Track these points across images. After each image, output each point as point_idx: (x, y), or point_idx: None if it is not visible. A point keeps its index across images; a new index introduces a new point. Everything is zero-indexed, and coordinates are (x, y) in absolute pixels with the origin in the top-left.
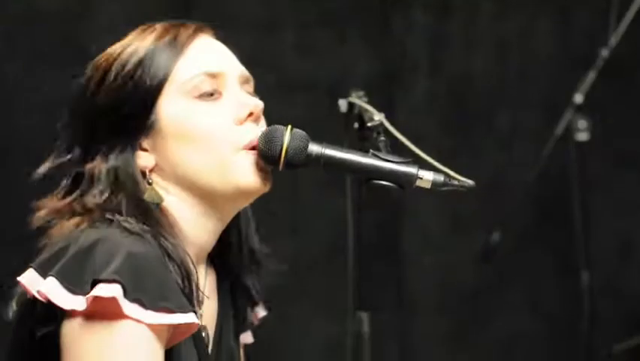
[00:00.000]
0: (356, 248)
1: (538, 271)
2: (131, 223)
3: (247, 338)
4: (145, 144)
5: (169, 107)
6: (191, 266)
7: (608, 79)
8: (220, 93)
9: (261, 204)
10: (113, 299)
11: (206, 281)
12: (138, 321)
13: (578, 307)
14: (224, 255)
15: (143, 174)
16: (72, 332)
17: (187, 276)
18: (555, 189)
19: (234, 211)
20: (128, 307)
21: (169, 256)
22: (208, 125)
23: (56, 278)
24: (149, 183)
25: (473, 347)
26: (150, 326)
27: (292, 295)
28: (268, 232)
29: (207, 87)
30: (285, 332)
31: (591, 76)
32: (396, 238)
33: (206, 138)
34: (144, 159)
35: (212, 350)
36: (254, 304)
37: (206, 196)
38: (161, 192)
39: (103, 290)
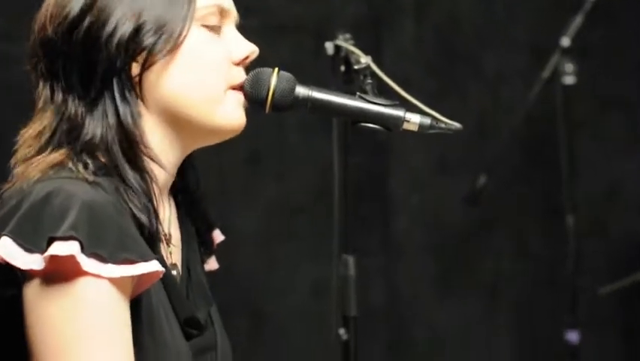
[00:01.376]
0: (342, 191)
1: (524, 214)
2: (87, 167)
3: (212, 264)
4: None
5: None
6: (156, 203)
7: (595, 22)
8: (221, 30)
9: (247, 149)
10: (71, 257)
11: (170, 216)
12: (99, 276)
13: (564, 250)
14: (180, 185)
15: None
16: (32, 293)
17: (153, 215)
18: (542, 132)
19: (200, 146)
20: (87, 264)
21: (131, 197)
22: (211, 56)
23: (10, 237)
24: None
25: (459, 288)
26: (112, 279)
27: (278, 238)
28: (255, 174)
29: (215, 21)
30: (272, 275)
31: (578, 19)
32: (382, 181)
33: (206, 69)
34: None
35: (182, 286)
36: (211, 229)
37: (183, 128)
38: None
39: (59, 248)
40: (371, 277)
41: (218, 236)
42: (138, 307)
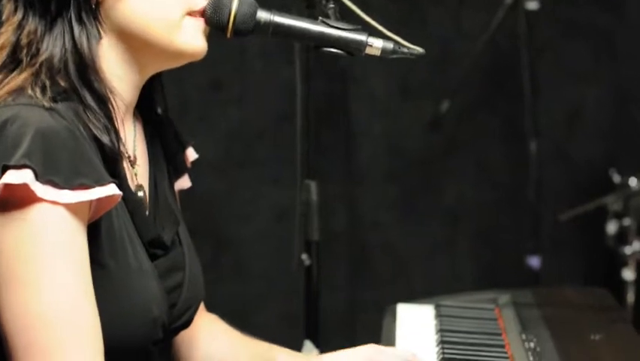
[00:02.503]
0: (304, 117)
1: (486, 139)
2: (46, 92)
3: (185, 182)
4: None
5: None
6: (116, 124)
7: None
8: None
9: (209, 74)
10: (24, 185)
11: (136, 137)
12: (54, 203)
13: (525, 175)
14: (147, 106)
15: None
16: None
17: (114, 135)
18: (504, 57)
19: (161, 69)
20: (41, 190)
21: (91, 119)
22: None
23: None
24: None
25: (422, 213)
26: (67, 205)
27: (241, 164)
28: (216, 101)
29: None
30: (234, 200)
31: None
32: (344, 107)
33: None
34: None
35: (149, 206)
36: (184, 147)
37: (142, 51)
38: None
39: (12, 177)
40: (333, 202)
41: (191, 154)
42: (98, 230)
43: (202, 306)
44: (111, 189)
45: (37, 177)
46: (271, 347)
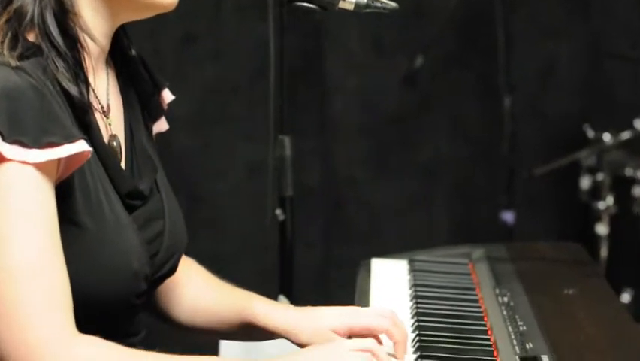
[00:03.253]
0: (278, 72)
1: (461, 95)
2: (15, 49)
3: (162, 125)
4: None
5: None
6: (87, 72)
7: None
8: None
9: (183, 29)
10: None
11: (109, 86)
12: (23, 163)
13: (500, 130)
14: (120, 52)
15: None
16: None
17: (84, 85)
18: (478, 13)
19: (132, 19)
20: (9, 151)
21: (60, 70)
22: None
23: None
24: None
25: (396, 169)
26: (36, 165)
27: (215, 119)
28: (190, 56)
29: None
30: (208, 156)
31: None
32: (318, 62)
33: None
34: None
35: (125, 156)
36: (160, 89)
37: (115, 1)
38: None
39: None
40: (307, 158)
41: (168, 96)
42: (71, 187)
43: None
44: (80, 146)
45: (4, 138)
46: (247, 293)
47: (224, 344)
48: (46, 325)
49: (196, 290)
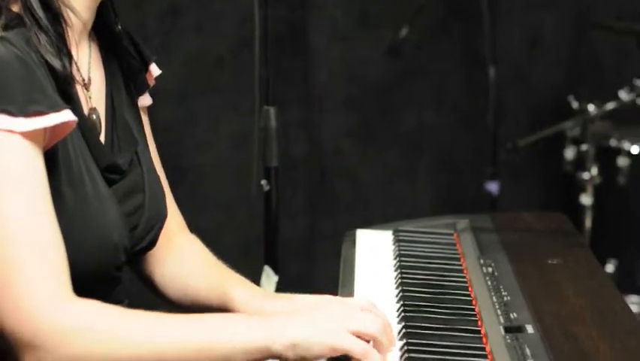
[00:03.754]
0: (263, 43)
1: (445, 65)
2: None
3: (145, 100)
4: None
5: None
6: (69, 45)
7: None
8: None
9: (168, 2)
10: None
11: (91, 59)
12: (10, 132)
13: (484, 101)
14: (103, 26)
15: None
16: None
17: (66, 58)
18: None
19: None
20: None
21: (43, 43)
22: None
23: None
24: None
25: (381, 140)
26: (24, 133)
27: (200, 91)
28: (175, 28)
29: None
30: (194, 128)
31: None
32: (303, 33)
33: None
34: None
35: (105, 129)
36: (146, 63)
37: None
38: None
39: None
40: (292, 129)
41: (155, 70)
42: (54, 158)
43: (183, 225)
44: (66, 115)
45: None
46: (230, 276)
47: None
48: (41, 288)
49: (188, 272)
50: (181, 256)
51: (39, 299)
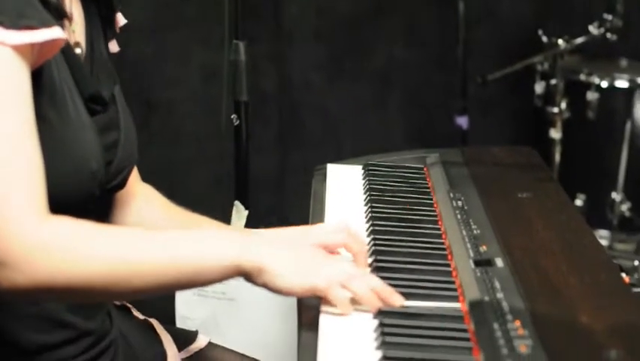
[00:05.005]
0: None
1: (415, 0)
2: None
3: (113, 47)
4: None
5: None
6: None
7: None
8: None
9: None
10: None
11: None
12: (2, 43)
13: (454, 35)
14: None
15: None
16: None
17: None
18: None
19: None
20: None
21: None
22: None
23: None
24: None
25: (352, 74)
26: (14, 46)
27: (169, 25)
28: None
29: None
30: (163, 62)
31: None
32: None
33: None
34: None
35: (85, 63)
36: (114, 9)
37: None
38: None
39: None
40: (262, 63)
41: (120, 19)
42: (40, 78)
43: (137, 175)
44: (57, 32)
45: None
46: (198, 218)
47: None
48: (16, 207)
49: (152, 216)
50: (140, 203)
51: (13, 217)
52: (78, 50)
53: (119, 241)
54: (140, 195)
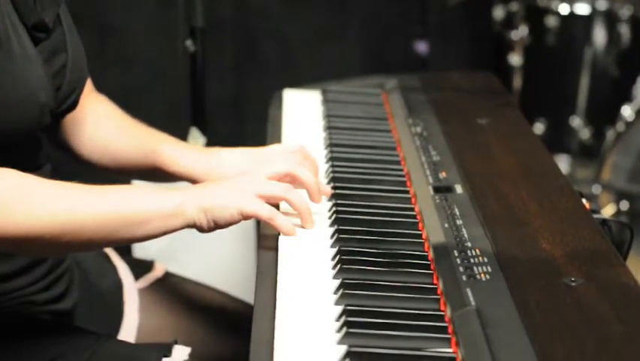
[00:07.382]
0: None
1: None
2: None
3: None
4: None
5: None
6: None
7: None
8: None
9: None
10: None
11: None
12: None
13: None
14: None
15: None
16: None
17: None
18: None
19: None
20: None
21: None
22: None
23: None
24: None
25: (308, 0)
26: None
27: None
28: None
29: None
30: None
31: None
32: None
33: None
34: None
35: None
36: None
37: None
38: None
39: None
40: None
41: None
42: None
43: (91, 87)
44: None
45: None
46: (156, 135)
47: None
48: None
49: (106, 131)
50: (97, 116)
51: None
52: None
53: (64, 195)
54: (97, 107)
